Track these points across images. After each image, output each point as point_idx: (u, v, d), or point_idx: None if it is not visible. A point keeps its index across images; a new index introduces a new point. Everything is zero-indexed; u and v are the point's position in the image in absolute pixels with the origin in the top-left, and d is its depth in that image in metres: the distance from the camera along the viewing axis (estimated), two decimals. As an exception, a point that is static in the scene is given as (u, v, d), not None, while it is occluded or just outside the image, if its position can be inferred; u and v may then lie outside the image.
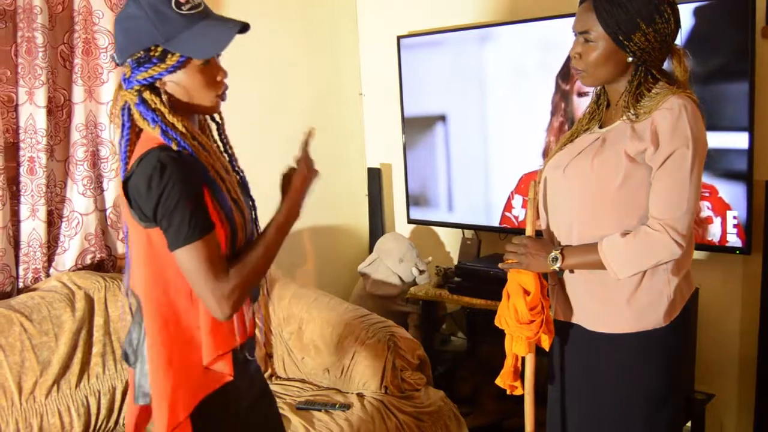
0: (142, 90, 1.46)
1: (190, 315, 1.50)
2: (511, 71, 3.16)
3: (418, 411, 2.60)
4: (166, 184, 1.39)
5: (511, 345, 1.82)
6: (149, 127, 1.45)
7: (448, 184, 3.48)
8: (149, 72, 1.44)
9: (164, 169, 1.39)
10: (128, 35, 1.45)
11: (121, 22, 1.47)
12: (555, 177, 1.80)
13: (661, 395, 1.75)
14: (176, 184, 1.39)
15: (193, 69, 1.47)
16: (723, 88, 2.59)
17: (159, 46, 1.43)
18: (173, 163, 1.40)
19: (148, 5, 1.42)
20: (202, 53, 1.45)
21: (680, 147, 1.62)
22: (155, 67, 1.44)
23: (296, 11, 3.51)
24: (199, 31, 1.44)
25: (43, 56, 2.47)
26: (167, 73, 1.45)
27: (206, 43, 1.44)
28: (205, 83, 1.49)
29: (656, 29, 1.65)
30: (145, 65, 1.44)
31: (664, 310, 1.72)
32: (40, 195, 2.53)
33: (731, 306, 2.85)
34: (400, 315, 3.49)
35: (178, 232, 1.40)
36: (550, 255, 1.74)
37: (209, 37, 1.45)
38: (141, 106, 1.46)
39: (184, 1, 1.44)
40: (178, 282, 1.47)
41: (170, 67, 1.44)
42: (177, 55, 1.44)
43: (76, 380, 2.44)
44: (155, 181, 1.39)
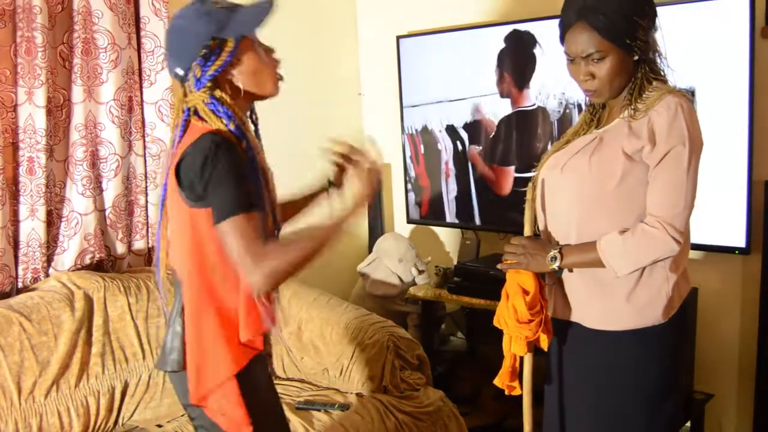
0: (212, 88, 1.59)
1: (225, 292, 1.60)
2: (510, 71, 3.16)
3: (418, 411, 2.60)
4: (219, 162, 1.51)
5: (510, 345, 1.82)
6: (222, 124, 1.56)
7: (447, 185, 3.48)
8: (216, 63, 1.58)
9: (219, 149, 1.51)
10: (186, 41, 1.59)
11: (173, 35, 1.62)
12: (553, 177, 1.81)
13: (659, 392, 1.76)
14: (227, 163, 1.51)
15: (250, 51, 1.62)
16: (723, 88, 2.59)
17: (215, 38, 1.57)
18: (226, 145, 1.52)
19: (193, 12, 1.59)
20: (250, 26, 1.60)
21: (677, 145, 1.63)
22: (219, 57, 1.58)
23: (296, 11, 3.51)
24: (241, 13, 1.60)
25: (42, 56, 2.47)
26: (230, 59, 1.58)
27: (251, 18, 1.60)
28: (261, 60, 1.64)
29: (649, 17, 1.67)
30: (211, 58, 1.58)
31: (663, 307, 1.72)
32: (39, 195, 2.53)
33: (731, 306, 2.85)
34: (399, 315, 3.49)
35: (223, 205, 1.51)
36: (548, 254, 1.75)
37: (251, 14, 1.60)
38: (214, 104, 1.58)
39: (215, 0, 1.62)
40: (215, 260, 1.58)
41: (231, 53, 1.58)
42: (231, 41, 1.58)
43: (76, 380, 2.44)
44: (210, 159, 1.51)
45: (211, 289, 1.61)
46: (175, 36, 1.62)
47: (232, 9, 1.61)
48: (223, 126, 1.56)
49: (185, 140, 1.59)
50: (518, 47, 3.14)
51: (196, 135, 1.56)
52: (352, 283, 3.72)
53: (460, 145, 3.41)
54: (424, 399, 2.67)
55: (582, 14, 1.65)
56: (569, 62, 1.74)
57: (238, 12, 1.60)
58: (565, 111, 3.01)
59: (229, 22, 1.58)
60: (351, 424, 2.47)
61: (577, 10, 1.66)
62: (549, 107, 3.06)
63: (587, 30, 1.65)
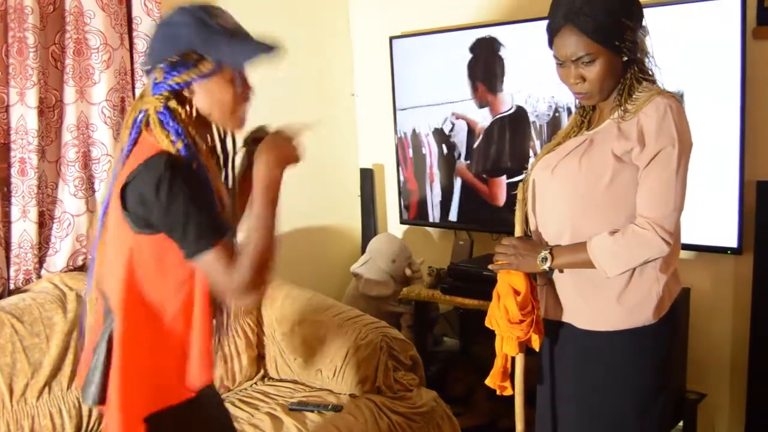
0: (169, 97, 1.47)
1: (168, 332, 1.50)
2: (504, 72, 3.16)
3: (411, 411, 2.60)
4: (177, 193, 1.39)
5: (502, 345, 1.82)
6: (165, 138, 1.44)
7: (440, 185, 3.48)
8: (182, 76, 1.46)
9: (174, 177, 1.39)
10: (166, 41, 1.48)
11: (161, 29, 1.51)
12: (543, 178, 1.81)
13: (651, 391, 1.77)
14: (187, 193, 1.39)
15: (224, 80, 1.49)
16: (714, 89, 2.60)
17: (195, 52, 1.46)
18: (183, 171, 1.40)
19: (193, 15, 1.46)
20: (237, 60, 1.48)
21: (666, 146, 1.64)
22: (188, 71, 1.46)
23: (288, 11, 3.51)
24: (236, 42, 1.47)
25: (34, 57, 2.46)
26: (198, 79, 1.47)
27: (242, 52, 1.47)
28: (232, 95, 1.50)
29: (637, 18, 1.68)
30: (180, 68, 1.46)
31: (654, 307, 1.73)
32: (31, 196, 2.52)
33: (723, 306, 2.86)
34: (392, 315, 3.49)
35: (196, 240, 1.41)
36: (539, 255, 1.75)
37: (245, 48, 1.48)
38: (165, 114, 1.46)
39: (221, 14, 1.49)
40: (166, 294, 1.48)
41: (203, 74, 1.46)
42: (210, 63, 1.46)
43: (68, 382, 2.43)
44: (164, 189, 1.38)
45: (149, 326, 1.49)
46: (160, 30, 1.51)
47: (232, 33, 1.48)
48: (168, 143, 1.42)
49: (135, 153, 1.46)
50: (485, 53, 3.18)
51: (147, 152, 1.43)
52: (345, 283, 3.72)
53: (446, 149, 3.41)
54: (417, 399, 2.67)
55: (569, 18, 1.66)
56: (558, 66, 1.74)
57: (236, 40, 1.48)
58: (554, 114, 3.02)
59: (219, 44, 1.45)
60: (344, 424, 2.47)
61: (564, 13, 1.66)
62: (539, 110, 3.06)
63: (575, 33, 1.66)
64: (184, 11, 1.47)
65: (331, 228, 3.85)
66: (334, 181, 3.83)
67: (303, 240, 3.59)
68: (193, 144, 1.46)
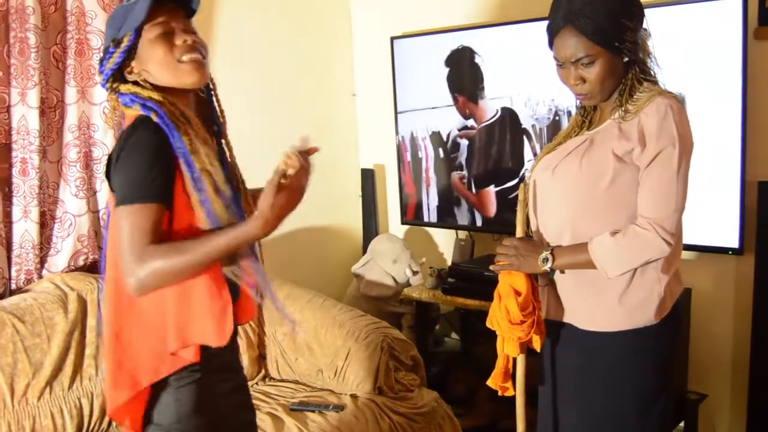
0: (116, 86, 1.53)
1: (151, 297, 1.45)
2: (505, 72, 3.16)
3: (412, 412, 2.60)
4: (131, 143, 1.42)
5: (503, 346, 1.82)
6: (131, 109, 1.49)
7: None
8: (111, 59, 1.51)
9: (134, 129, 1.43)
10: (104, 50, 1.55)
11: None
12: (544, 178, 1.81)
13: (652, 392, 1.77)
14: (139, 145, 1.41)
15: (152, 42, 1.51)
16: (716, 89, 2.60)
17: (114, 38, 1.52)
18: (143, 127, 1.43)
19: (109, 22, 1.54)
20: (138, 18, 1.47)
21: (667, 146, 1.64)
22: (114, 53, 1.51)
23: (289, 11, 3.51)
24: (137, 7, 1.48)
25: (35, 57, 2.46)
26: (123, 55, 1.50)
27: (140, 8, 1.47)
28: (165, 50, 1.50)
29: (637, 18, 1.68)
30: (106, 57, 1.52)
31: (655, 308, 1.73)
32: (32, 196, 2.52)
33: (724, 306, 2.86)
34: (393, 316, 3.49)
35: (122, 189, 1.40)
36: (540, 256, 1.75)
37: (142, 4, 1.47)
38: (125, 98, 1.51)
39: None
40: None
41: (125, 47, 1.50)
42: (127, 35, 1.50)
43: (69, 382, 2.44)
44: (122, 140, 1.44)
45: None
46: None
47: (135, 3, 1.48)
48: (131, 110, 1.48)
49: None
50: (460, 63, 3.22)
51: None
52: (346, 284, 3.72)
53: (442, 152, 3.42)
54: (418, 400, 2.67)
55: (569, 19, 1.65)
56: (559, 67, 1.74)
57: (136, 7, 1.48)
58: (554, 118, 3.02)
59: (126, 18, 1.49)
60: (345, 425, 2.47)
61: (564, 14, 1.66)
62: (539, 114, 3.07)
63: (575, 35, 1.66)
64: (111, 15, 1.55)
65: (332, 228, 3.85)
66: (335, 181, 3.83)
67: (304, 240, 3.59)
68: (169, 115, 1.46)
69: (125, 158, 1.41)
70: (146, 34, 1.50)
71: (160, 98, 1.49)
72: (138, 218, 1.38)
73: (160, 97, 1.49)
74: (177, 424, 1.53)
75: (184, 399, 1.53)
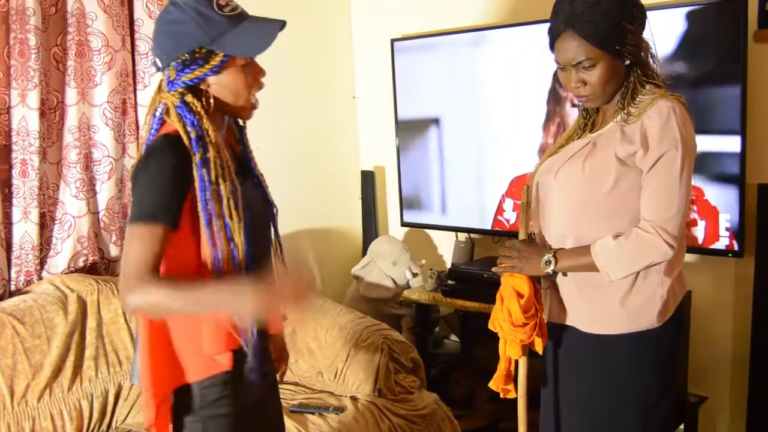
0: (184, 93, 1.50)
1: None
2: (505, 75, 3.17)
3: (412, 414, 2.60)
4: (150, 162, 1.43)
5: (505, 348, 1.82)
6: (183, 129, 1.47)
7: (441, 187, 3.49)
8: (195, 73, 1.48)
9: (154, 151, 1.44)
10: (174, 39, 1.48)
11: (164, 26, 1.50)
12: (547, 181, 1.81)
13: (654, 395, 1.76)
14: (157, 165, 1.43)
15: (236, 68, 1.51)
16: (715, 92, 2.60)
17: (204, 48, 1.47)
18: (164, 148, 1.44)
19: (192, 9, 1.46)
20: (247, 51, 1.50)
21: (670, 149, 1.64)
22: (200, 68, 1.48)
23: (290, 14, 3.49)
24: (243, 31, 1.48)
25: (35, 58, 2.46)
26: (211, 74, 1.49)
27: (251, 41, 1.49)
28: (246, 82, 1.52)
29: (639, 21, 1.68)
30: (191, 67, 1.48)
31: (658, 311, 1.73)
32: (32, 197, 2.52)
33: (724, 309, 2.86)
34: (393, 318, 3.48)
35: (134, 208, 1.43)
36: (543, 258, 1.75)
37: (253, 36, 1.49)
38: (182, 108, 1.49)
39: (225, 3, 1.49)
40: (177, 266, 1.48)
41: (214, 67, 1.48)
42: (220, 55, 1.48)
43: (69, 384, 2.43)
44: (143, 159, 1.45)
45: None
46: (163, 26, 1.50)
47: (236, 21, 1.48)
48: (184, 132, 1.46)
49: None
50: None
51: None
52: (346, 285, 3.71)
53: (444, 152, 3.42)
54: (418, 402, 2.67)
55: (569, 23, 1.65)
56: (560, 70, 1.74)
57: (240, 29, 1.48)
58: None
59: (226, 36, 1.47)
60: (345, 427, 2.47)
61: (565, 18, 1.66)
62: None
63: (576, 38, 1.65)
64: (181, 7, 1.47)
65: (332, 230, 3.85)
66: (335, 183, 3.83)
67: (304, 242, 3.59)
68: (206, 136, 1.48)
69: (143, 179, 1.43)
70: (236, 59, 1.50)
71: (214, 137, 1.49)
72: (145, 239, 1.40)
73: (208, 124, 1.49)
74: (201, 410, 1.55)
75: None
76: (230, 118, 1.63)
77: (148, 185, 1.42)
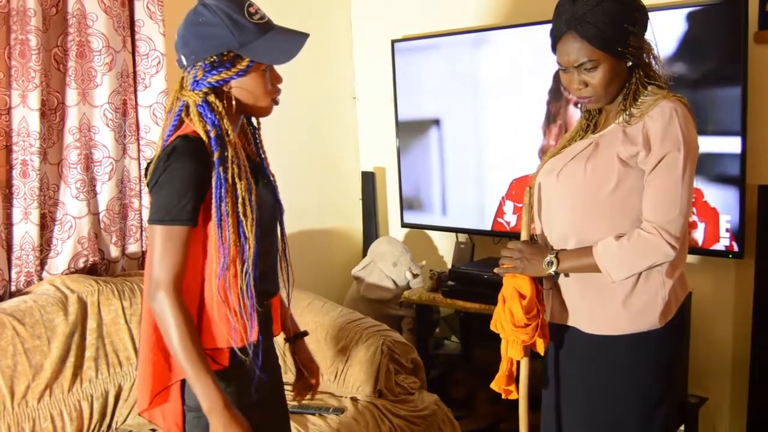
0: (208, 93, 1.55)
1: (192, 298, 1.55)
2: (506, 76, 3.17)
3: (412, 415, 2.60)
4: (170, 163, 1.48)
5: (507, 349, 1.82)
6: (203, 128, 1.52)
7: (442, 188, 3.49)
8: (221, 75, 1.54)
9: (174, 152, 1.49)
10: (204, 40, 1.53)
11: (194, 27, 1.55)
12: (549, 182, 1.81)
13: (655, 396, 1.76)
14: (177, 166, 1.47)
15: (259, 74, 1.57)
16: (716, 93, 2.60)
17: (232, 51, 1.53)
18: (184, 150, 1.49)
19: (223, 13, 1.52)
20: (276, 59, 1.57)
21: (672, 150, 1.64)
22: (227, 70, 1.54)
23: (290, 15, 3.50)
24: (269, 39, 1.55)
25: (36, 59, 2.46)
26: (237, 77, 1.55)
27: (279, 50, 1.57)
28: (265, 87, 1.59)
29: (641, 23, 1.68)
30: (218, 68, 1.54)
31: (660, 312, 1.73)
32: (32, 198, 2.51)
33: (724, 310, 2.86)
34: (393, 319, 3.49)
35: (155, 209, 1.49)
36: (545, 259, 1.75)
37: (281, 45, 1.57)
38: (203, 107, 1.53)
39: (254, 11, 1.56)
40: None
41: (240, 71, 1.54)
42: (246, 60, 1.54)
43: (69, 384, 2.43)
44: (163, 160, 1.49)
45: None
46: (193, 26, 1.55)
47: (264, 29, 1.55)
48: (204, 132, 1.51)
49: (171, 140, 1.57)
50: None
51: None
52: (346, 286, 3.71)
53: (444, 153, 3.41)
54: (418, 403, 2.67)
55: (571, 24, 1.66)
56: (562, 72, 1.74)
57: (267, 37, 1.55)
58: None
59: (254, 43, 1.53)
60: (346, 428, 2.47)
61: (566, 20, 1.66)
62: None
63: (577, 40, 1.66)
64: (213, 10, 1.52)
65: (333, 231, 3.85)
66: (336, 184, 3.83)
67: (304, 243, 3.59)
68: (225, 136, 1.53)
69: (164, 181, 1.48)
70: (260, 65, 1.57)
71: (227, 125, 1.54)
72: (168, 240, 1.48)
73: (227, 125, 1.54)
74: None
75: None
76: (244, 118, 1.68)
77: (169, 187, 1.48)
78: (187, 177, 1.48)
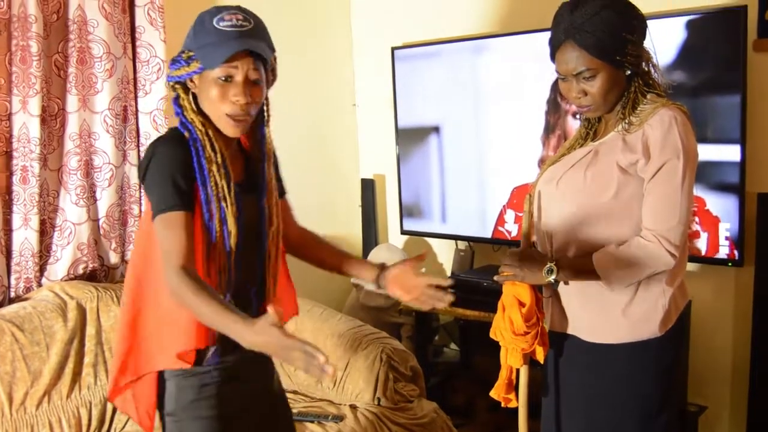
0: (177, 87, 1.62)
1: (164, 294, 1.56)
2: (506, 83, 3.17)
3: (412, 422, 2.59)
4: (154, 155, 1.54)
5: (506, 357, 1.82)
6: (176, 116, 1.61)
7: (441, 196, 3.49)
8: (177, 71, 1.60)
9: (158, 142, 1.58)
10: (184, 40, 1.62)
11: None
12: (549, 190, 1.81)
13: (655, 405, 1.76)
14: (163, 158, 1.54)
15: (211, 80, 1.56)
16: (715, 101, 2.61)
17: (191, 51, 1.58)
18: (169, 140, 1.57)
19: (200, 17, 1.58)
20: (208, 63, 1.55)
21: (671, 158, 1.64)
22: (181, 68, 1.59)
23: (290, 22, 3.52)
24: (220, 45, 1.53)
25: (37, 65, 2.46)
26: (187, 77, 1.59)
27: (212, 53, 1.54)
28: (217, 97, 1.56)
29: (639, 31, 1.68)
30: (176, 64, 1.60)
31: (660, 320, 1.73)
32: (32, 204, 2.51)
33: (723, 318, 2.86)
34: (393, 326, 3.48)
35: (154, 201, 1.53)
36: (545, 267, 1.74)
37: (216, 50, 1.53)
38: (174, 102, 1.62)
39: (228, 18, 1.54)
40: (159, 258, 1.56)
41: (191, 72, 1.58)
42: (198, 62, 1.56)
43: (68, 391, 2.42)
44: (149, 151, 1.56)
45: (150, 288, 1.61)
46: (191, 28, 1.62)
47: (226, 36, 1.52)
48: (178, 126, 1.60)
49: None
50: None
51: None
52: (345, 294, 3.71)
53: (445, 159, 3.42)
54: (417, 410, 2.66)
55: (569, 33, 1.66)
56: (561, 80, 1.74)
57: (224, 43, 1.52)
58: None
59: (207, 48, 1.54)
60: (345, 435, 2.46)
61: (565, 29, 1.67)
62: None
63: (576, 49, 1.66)
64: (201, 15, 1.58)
65: (332, 238, 3.81)
66: (335, 191, 3.83)
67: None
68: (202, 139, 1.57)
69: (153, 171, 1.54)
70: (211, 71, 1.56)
71: (200, 125, 1.58)
72: (172, 228, 1.51)
73: (201, 124, 1.59)
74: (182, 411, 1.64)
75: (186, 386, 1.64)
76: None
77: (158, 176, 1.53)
78: (174, 163, 1.53)
